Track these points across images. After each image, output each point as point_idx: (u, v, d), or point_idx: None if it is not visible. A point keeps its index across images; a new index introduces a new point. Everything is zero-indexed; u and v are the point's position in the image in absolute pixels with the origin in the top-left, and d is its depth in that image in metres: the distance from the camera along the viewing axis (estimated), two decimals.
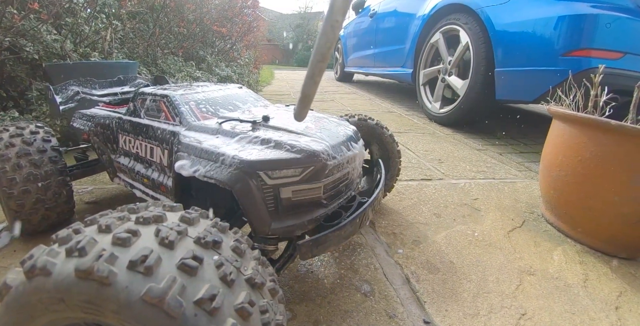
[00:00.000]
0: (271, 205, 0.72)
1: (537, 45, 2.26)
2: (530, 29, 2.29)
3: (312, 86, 0.47)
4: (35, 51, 2.34)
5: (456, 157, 2.18)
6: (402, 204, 1.48)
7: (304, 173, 0.72)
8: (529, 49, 2.31)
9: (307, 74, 0.46)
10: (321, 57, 0.44)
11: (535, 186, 1.79)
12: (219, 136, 0.82)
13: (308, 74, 0.46)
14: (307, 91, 0.48)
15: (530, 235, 1.30)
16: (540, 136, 2.95)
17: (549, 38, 2.18)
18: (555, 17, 2.13)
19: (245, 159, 0.70)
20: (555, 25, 2.14)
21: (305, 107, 0.50)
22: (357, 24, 5.54)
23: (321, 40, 0.43)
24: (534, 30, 2.27)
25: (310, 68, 0.45)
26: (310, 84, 0.47)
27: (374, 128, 1.30)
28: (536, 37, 2.25)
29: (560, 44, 2.13)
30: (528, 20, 2.30)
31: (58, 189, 1.26)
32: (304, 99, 0.49)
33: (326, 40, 0.43)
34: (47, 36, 2.36)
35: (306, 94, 0.48)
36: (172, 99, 0.95)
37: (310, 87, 0.47)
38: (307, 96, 0.48)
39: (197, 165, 0.76)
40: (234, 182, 0.69)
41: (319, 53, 0.44)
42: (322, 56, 0.44)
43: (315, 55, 0.44)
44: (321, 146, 0.76)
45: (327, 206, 0.79)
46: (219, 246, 0.47)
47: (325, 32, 0.42)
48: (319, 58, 0.44)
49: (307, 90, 0.48)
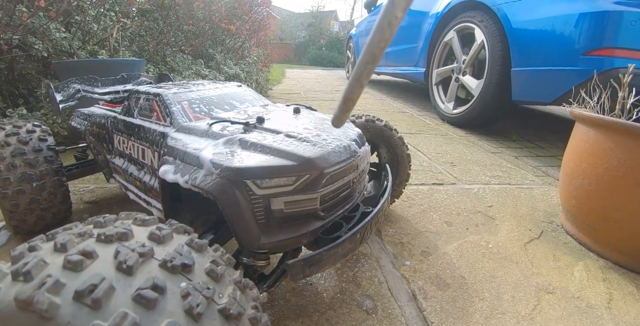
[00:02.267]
0: (261, 217, 0.65)
1: (557, 44, 2.15)
2: (549, 27, 2.18)
3: (357, 88, 0.42)
4: (44, 49, 2.34)
5: (469, 161, 2.08)
6: (411, 210, 1.40)
7: (298, 182, 0.65)
8: (548, 48, 2.21)
9: (353, 75, 0.41)
10: (372, 58, 0.39)
11: (554, 193, 1.69)
12: (206, 138, 0.75)
13: (354, 76, 0.41)
14: (351, 94, 0.42)
15: (548, 248, 1.21)
16: (558, 139, 2.87)
17: (569, 36, 2.08)
18: (576, 14, 2.03)
19: (231, 166, 0.63)
20: (576, 22, 2.04)
21: (347, 112, 0.44)
22: (369, 22, 5.50)
23: (374, 39, 0.38)
24: (553, 28, 2.16)
25: (357, 69, 0.40)
26: (356, 87, 0.42)
27: (382, 130, 1.23)
28: (555, 35, 2.15)
29: (581, 43, 2.03)
30: (547, 17, 2.20)
31: (53, 189, 1.23)
32: (347, 102, 0.43)
33: (380, 39, 0.37)
34: (56, 34, 2.35)
35: (349, 98, 0.43)
36: (164, 98, 0.89)
37: (355, 90, 0.42)
38: (350, 100, 0.43)
39: (180, 170, 0.70)
40: (217, 191, 0.62)
41: (369, 53, 0.39)
42: (373, 56, 0.39)
43: (365, 55, 0.39)
44: (319, 152, 0.68)
45: (325, 219, 0.72)
46: (190, 270, 0.40)
47: (380, 29, 0.37)
48: (368, 59, 0.39)
49: (351, 93, 0.42)
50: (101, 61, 2.39)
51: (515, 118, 3.54)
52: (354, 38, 6.41)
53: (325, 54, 15.75)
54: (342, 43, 12.70)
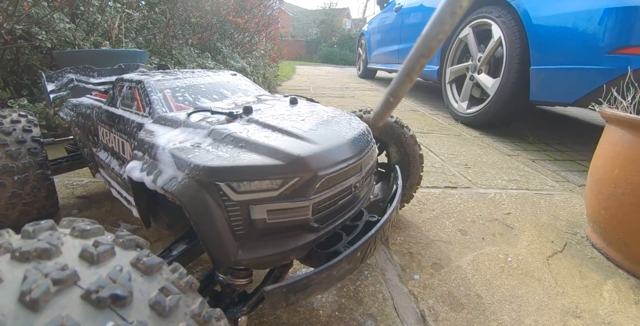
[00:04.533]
0: (238, 228, 0.54)
1: (580, 42, 2.03)
2: (572, 23, 2.05)
3: (405, 84, 0.38)
4: (48, 39, 2.30)
5: (485, 163, 1.95)
6: (422, 216, 1.28)
7: (285, 186, 0.54)
8: (571, 45, 2.08)
9: (403, 69, 0.38)
10: (427, 51, 0.36)
11: (576, 201, 1.55)
12: (182, 130, 0.65)
13: (404, 70, 0.38)
14: (399, 90, 0.39)
15: (574, 263, 1.08)
16: (576, 142, 2.72)
17: (593, 33, 1.95)
18: (601, 9, 1.89)
19: (202, 165, 0.51)
20: (600, 18, 1.90)
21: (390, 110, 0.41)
22: (381, 19, 5.38)
23: (432, 30, 0.35)
24: (576, 25, 2.03)
25: (408, 63, 0.37)
26: (405, 82, 0.38)
27: (392, 127, 1.11)
28: (579, 32, 2.02)
29: (606, 41, 1.90)
30: (570, 13, 2.07)
31: (37, 183, 1.17)
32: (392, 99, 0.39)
33: (439, 31, 0.34)
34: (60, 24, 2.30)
35: (396, 94, 0.39)
36: (145, 86, 0.79)
37: (403, 86, 0.39)
38: (396, 96, 0.39)
39: (147, 168, 0.60)
40: (184, 196, 0.51)
41: (425, 46, 0.36)
42: (429, 49, 0.36)
43: (420, 47, 0.36)
44: (313, 149, 0.57)
45: (320, 231, 0.60)
46: (124, 304, 0.30)
47: (441, 21, 0.34)
48: (423, 52, 0.36)
49: (399, 89, 0.39)
50: (103, 52, 2.33)
51: (531, 119, 3.38)
52: (366, 35, 6.29)
53: (337, 52, 15.61)
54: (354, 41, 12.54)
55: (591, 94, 2.00)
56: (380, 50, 5.43)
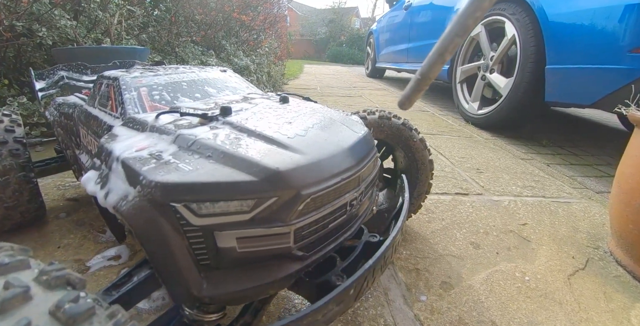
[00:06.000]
0: (203, 257, 0.45)
1: (600, 40, 1.91)
2: (591, 21, 1.93)
3: (437, 65, 0.36)
4: (49, 36, 2.27)
5: (497, 167, 1.85)
6: (430, 226, 1.19)
7: (258, 208, 0.44)
8: (589, 43, 1.97)
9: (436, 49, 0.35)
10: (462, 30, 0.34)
11: (596, 210, 1.44)
12: (148, 135, 0.56)
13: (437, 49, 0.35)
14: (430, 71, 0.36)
15: (597, 283, 0.98)
16: (591, 145, 2.59)
17: (613, 31, 1.83)
18: (622, 6, 1.78)
19: (154, 180, 0.42)
20: (621, 16, 1.79)
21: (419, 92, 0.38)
22: (390, 17, 5.30)
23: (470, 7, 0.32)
24: (595, 22, 1.91)
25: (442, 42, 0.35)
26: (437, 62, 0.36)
27: (399, 129, 1.01)
28: (598, 30, 1.90)
29: (627, 39, 1.77)
30: (589, 9, 1.95)
31: (19, 186, 1.11)
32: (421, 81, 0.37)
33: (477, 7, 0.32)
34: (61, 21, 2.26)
35: (426, 75, 0.36)
36: (120, 83, 0.71)
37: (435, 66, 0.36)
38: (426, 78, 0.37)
39: (102, 180, 0.50)
40: (134, 219, 0.42)
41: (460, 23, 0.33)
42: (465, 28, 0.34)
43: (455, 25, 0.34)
44: (297, 161, 0.47)
45: (306, 260, 0.50)
46: None
47: None
48: (458, 30, 0.34)
49: (430, 70, 0.36)
50: (101, 48, 2.27)
51: (543, 121, 3.26)
52: (375, 34, 6.19)
53: (346, 51, 15.50)
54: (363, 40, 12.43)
55: (611, 95, 1.89)
56: (389, 49, 5.33)
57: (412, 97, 0.37)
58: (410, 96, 0.37)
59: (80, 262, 0.99)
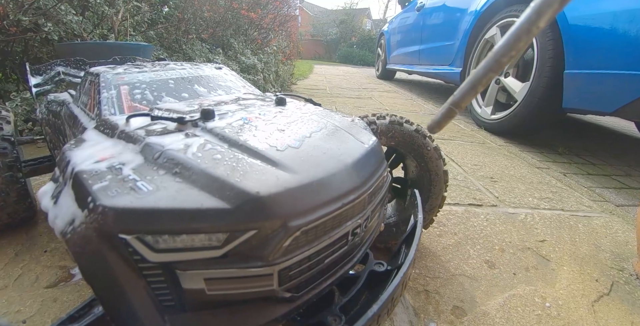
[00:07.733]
0: (165, 298, 0.36)
1: (623, 44, 1.80)
2: (614, 24, 1.83)
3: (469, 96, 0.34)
4: (55, 31, 2.25)
5: (512, 176, 1.75)
6: (441, 241, 1.10)
7: (232, 244, 0.35)
8: (612, 48, 1.87)
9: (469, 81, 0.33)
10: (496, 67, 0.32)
11: (618, 225, 1.35)
12: (115, 142, 0.48)
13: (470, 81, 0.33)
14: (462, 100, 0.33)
15: (624, 310, 0.88)
16: (610, 155, 2.47)
17: (636, 35, 1.72)
18: None
19: (102, 204, 0.34)
20: None
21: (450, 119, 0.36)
22: (402, 18, 5.23)
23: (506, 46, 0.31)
24: (618, 25, 1.81)
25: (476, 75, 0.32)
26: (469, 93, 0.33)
27: (412, 136, 0.93)
28: (621, 33, 1.80)
29: None
30: (612, 12, 1.85)
31: (5, 186, 1.05)
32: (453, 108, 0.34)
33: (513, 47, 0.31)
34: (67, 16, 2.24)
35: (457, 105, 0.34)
36: (100, 80, 0.64)
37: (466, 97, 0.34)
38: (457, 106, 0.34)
39: (56, 196, 0.42)
40: (78, 252, 0.34)
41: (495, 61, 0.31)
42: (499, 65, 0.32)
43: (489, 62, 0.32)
44: (284, 182, 0.38)
45: (295, 301, 0.41)
46: None
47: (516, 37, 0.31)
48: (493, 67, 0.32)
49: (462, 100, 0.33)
50: (104, 44, 2.23)
51: (559, 127, 3.15)
52: (386, 35, 6.12)
53: (356, 52, 15.42)
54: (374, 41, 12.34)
55: (633, 103, 1.79)
56: (400, 50, 5.25)
57: (443, 123, 0.37)
58: (440, 122, 0.37)
59: (64, 269, 0.93)
